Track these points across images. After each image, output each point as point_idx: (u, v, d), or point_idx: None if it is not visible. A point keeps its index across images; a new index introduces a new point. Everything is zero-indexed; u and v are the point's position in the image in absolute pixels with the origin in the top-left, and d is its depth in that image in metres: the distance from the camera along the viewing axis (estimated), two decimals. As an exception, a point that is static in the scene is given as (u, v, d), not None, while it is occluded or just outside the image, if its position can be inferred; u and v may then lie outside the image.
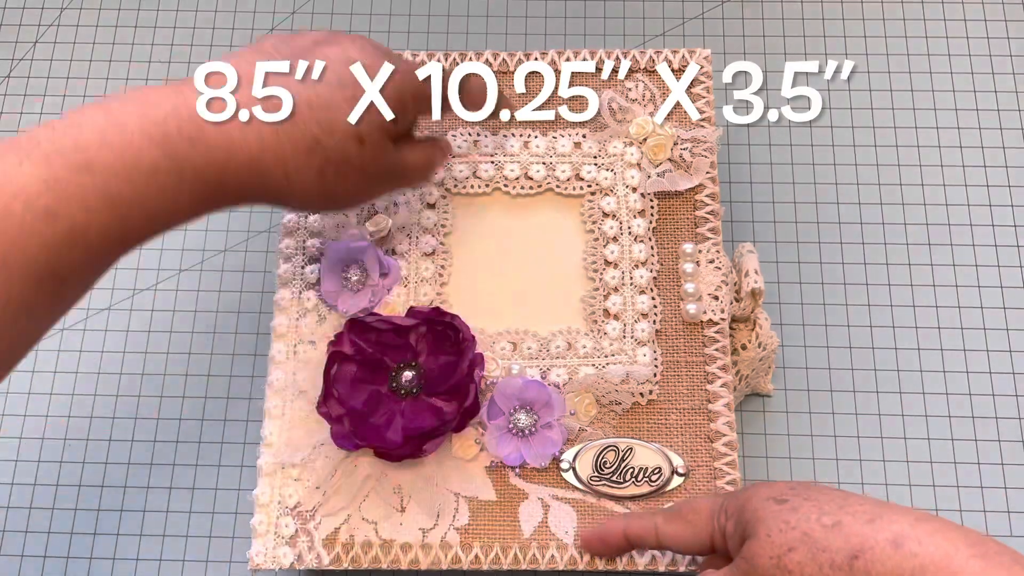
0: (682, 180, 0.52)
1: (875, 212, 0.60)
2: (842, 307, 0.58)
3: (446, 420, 0.45)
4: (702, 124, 0.53)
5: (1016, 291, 0.58)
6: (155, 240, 0.60)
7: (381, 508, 0.47)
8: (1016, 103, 0.63)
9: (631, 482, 0.47)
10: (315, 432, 0.48)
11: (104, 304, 0.60)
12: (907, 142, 0.62)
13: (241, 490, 0.56)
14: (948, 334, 0.57)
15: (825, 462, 0.55)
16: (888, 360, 0.57)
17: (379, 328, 0.46)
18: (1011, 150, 0.62)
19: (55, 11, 0.68)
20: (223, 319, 0.59)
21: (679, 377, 0.49)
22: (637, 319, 0.50)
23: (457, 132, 0.53)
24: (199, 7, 0.67)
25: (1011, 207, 0.60)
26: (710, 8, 0.66)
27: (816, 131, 0.62)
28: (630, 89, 0.53)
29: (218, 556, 0.55)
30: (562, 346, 0.49)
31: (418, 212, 0.52)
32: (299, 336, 0.50)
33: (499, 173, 0.53)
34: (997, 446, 0.55)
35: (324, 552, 0.46)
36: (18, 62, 0.66)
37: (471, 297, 0.51)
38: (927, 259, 0.59)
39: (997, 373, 0.57)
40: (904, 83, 0.63)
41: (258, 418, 0.54)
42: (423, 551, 0.46)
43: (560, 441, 0.47)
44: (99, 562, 0.54)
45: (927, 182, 0.61)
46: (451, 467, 0.47)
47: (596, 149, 0.53)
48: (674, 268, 0.51)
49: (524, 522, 0.47)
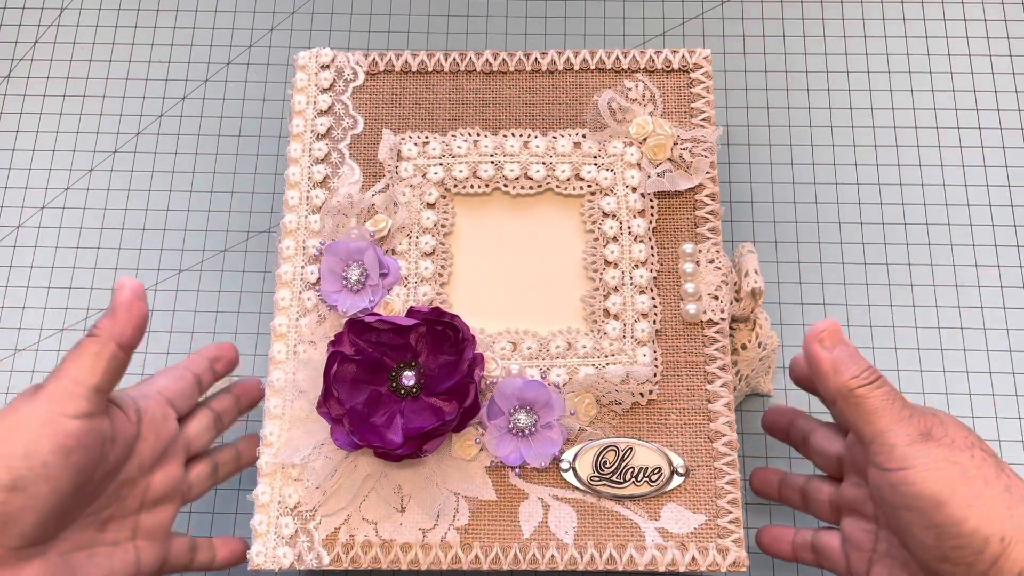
0: (682, 180, 0.52)
1: (875, 212, 0.60)
2: (842, 307, 0.58)
3: (446, 420, 0.45)
4: (702, 124, 0.53)
5: (1016, 291, 0.58)
6: (155, 240, 0.61)
7: (381, 508, 0.47)
8: (1016, 103, 0.63)
9: (631, 482, 0.47)
10: (315, 432, 0.48)
11: (104, 304, 0.60)
12: (907, 142, 0.62)
13: (241, 490, 0.56)
14: (948, 334, 0.57)
15: (825, 462, 0.55)
16: (888, 360, 0.57)
17: (379, 328, 0.46)
18: (1011, 150, 0.62)
19: (55, 11, 0.68)
20: (223, 319, 0.59)
21: (679, 377, 0.49)
22: (637, 319, 0.50)
23: (457, 132, 0.53)
24: (199, 7, 0.67)
25: (1011, 207, 0.60)
26: (710, 8, 0.66)
27: (816, 131, 0.62)
28: (630, 89, 0.53)
29: (218, 556, 0.54)
30: (562, 346, 0.49)
31: (418, 212, 0.52)
32: (299, 336, 0.50)
33: (499, 173, 0.53)
34: (997, 446, 0.55)
35: (324, 552, 0.46)
36: (18, 62, 0.66)
37: (471, 297, 0.51)
38: (927, 259, 0.59)
39: (997, 373, 0.57)
40: (904, 83, 0.63)
41: (258, 418, 0.54)
42: (423, 551, 0.46)
43: (560, 441, 0.47)
44: (99, 562, 0.54)
45: (927, 182, 0.61)
46: (451, 467, 0.47)
47: (596, 149, 0.53)
48: (674, 268, 0.51)
49: (524, 522, 0.47)
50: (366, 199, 0.52)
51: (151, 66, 0.66)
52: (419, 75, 0.55)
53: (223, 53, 0.66)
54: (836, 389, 0.41)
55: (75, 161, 0.63)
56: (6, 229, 0.62)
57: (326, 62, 0.55)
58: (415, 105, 0.54)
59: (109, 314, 0.41)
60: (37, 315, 0.60)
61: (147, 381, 0.46)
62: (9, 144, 0.64)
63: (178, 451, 0.46)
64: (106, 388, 0.40)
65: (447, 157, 0.53)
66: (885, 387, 0.41)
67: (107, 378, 0.40)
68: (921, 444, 0.39)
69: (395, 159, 0.53)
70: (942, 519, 0.38)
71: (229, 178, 0.63)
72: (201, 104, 0.65)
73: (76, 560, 0.41)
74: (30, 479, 0.37)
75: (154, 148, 0.64)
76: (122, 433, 0.42)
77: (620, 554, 0.46)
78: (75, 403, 0.39)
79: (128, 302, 0.41)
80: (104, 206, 0.62)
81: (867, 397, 0.40)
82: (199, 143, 0.64)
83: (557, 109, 0.54)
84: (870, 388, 0.41)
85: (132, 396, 0.44)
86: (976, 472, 0.38)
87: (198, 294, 0.60)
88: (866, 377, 0.41)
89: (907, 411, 0.40)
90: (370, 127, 0.54)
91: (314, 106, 0.54)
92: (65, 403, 0.39)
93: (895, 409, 0.40)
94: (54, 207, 0.62)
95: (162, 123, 0.64)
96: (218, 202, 0.62)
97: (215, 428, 0.49)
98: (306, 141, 0.53)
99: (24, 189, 0.63)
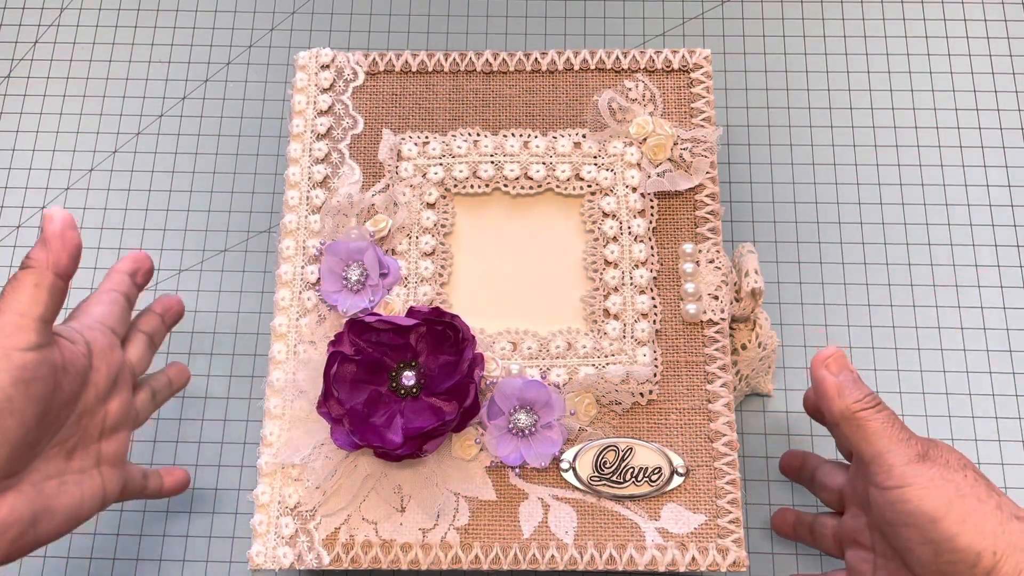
0: (682, 180, 0.52)
1: (875, 212, 0.60)
2: (842, 307, 0.58)
3: (446, 420, 0.45)
4: (702, 124, 0.53)
5: (1016, 291, 0.58)
6: (155, 240, 0.61)
7: (381, 508, 0.47)
8: (1016, 103, 0.63)
9: (631, 482, 0.47)
10: (315, 432, 0.48)
11: (104, 304, 0.60)
12: (907, 142, 0.62)
13: (241, 490, 0.56)
14: (948, 334, 0.57)
15: (825, 462, 0.55)
16: (888, 360, 0.57)
17: (379, 328, 0.46)
18: (1011, 150, 0.62)
19: (55, 11, 0.68)
20: (223, 319, 0.59)
21: (679, 377, 0.49)
22: (637, 319, 0.50)
23: (457, 132, 0.53)
24: (199, 7, 0.67)
25: (1011, 207, 0.60)
26: (710, 8, 0.66)
27: (816, 131, 0.62)
28: (630, 89, 0.53)
29: (218, 556, 0.55)
30: (562, 346, 0.49)
31: (418, 212, 0.52)
32: (299, 336, 0.50)
33: (499, 173, 0.53)
34: (997, 446, 0.55)
35: (324, 552, 0.46)
36: (18, 62, 0.66)
37: (471, 297, 0.51)
38: (927, 259, 0.59)
39: (997, 373, 0.57)
40: (904, 83, 0.63)
41: (258, 418, 0.54)
42: (423, 551, 0.46)
43: (560, 441, 0.47)
44: (99, 562, 0.54)
45: (927, 182, 0.61)
46: (451, 467, 0.47)
47: (596, 149, 0.53)
48: (674, 268, 0.51)
49: (524, 522, 0.47)
50: (366, 199, 0.52)
51: (151, 66, 0.66)
52: (419, 75, 0.55)
53: (223, 53, 0.66)
54: (840, 411, 0.43)
55: (75, 161, 0.63)
56: (6, 229, 0.62)
57: (326, 62, 0.55)
58: (415, 105, 0.54)
59: (40, 245, 0.41)
60: (37, 315, 0.60)
61: (82, 312, 0.46)
62: (9, 144, 0.64)
63: (126, 377, 0.46)
64: (50, 318, 0.40)
65: (447, 157, 0.53)
66: (885, 411, 0.43)
67: (50, 308, 0.40)
68: (918, 464, 0.41)
69: (395, 159, 0.53)
70: (937, 535, 0.39)
71: (229, 178, 0.63)
72: (201, 104, 0.65)
73: (48, 488, 0.41)
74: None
75: (154, 148, 0.64)
76: (73, 363, 0.42)
77: (620, 554, 0.46)
78: (25, 336, 0.39)
79: (60, 232, 0.41)
80: (104, 206, 0.62)
81: (869, 420, 0.43)
82: (199, 143, 0.64)
83: (557, 109, 0.54)
84: (872, 412, 0.43)
85: (77, 328, 0.44)
86: (970, 491, 0.40)
87: (198, 294, 0.60)
88: (868, 401, 0.43)
89: (905, 434, 0.42)
90: (370, 127, 0.54)
91: (314, 106, 0.54)
92: (16, 337, 0.39)
93: (894, 432, 0.42)
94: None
95: (162, 123, 0.64)
96: (218, 202, 0.62)
97: (150, 351, 0.49)
98: (306, 141, 0.53)
99: (24, 189, 0.63)
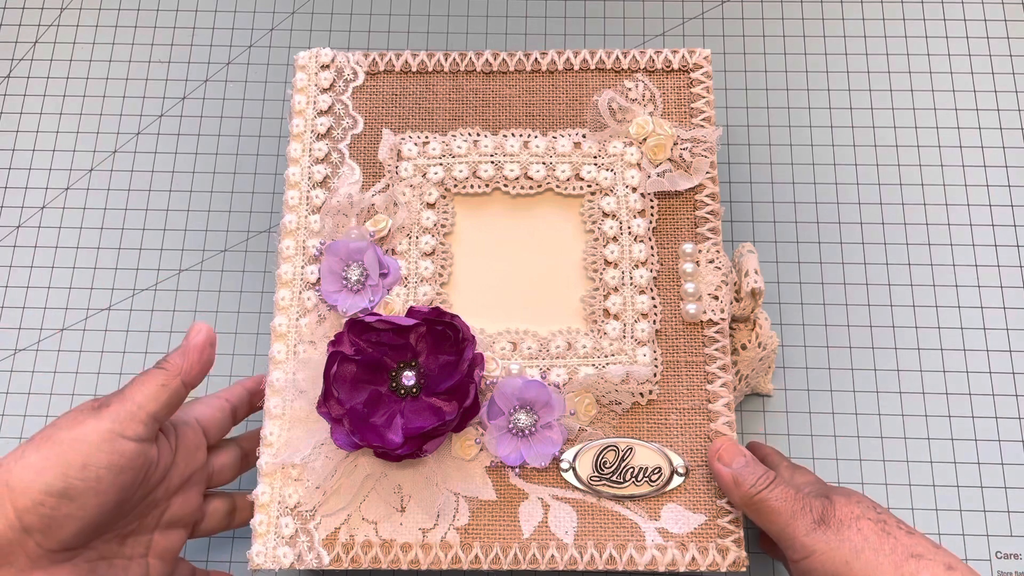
0: (682, 180, 0.52)
1: (875, 212, 0.60)
2: (842, 307, 0.58)
3: (446, 420, 0.45)
4: (702, 124, 0.53)
5: (1016, 291, 0.58)
6: (155, 240, 0.61)
7: (381, 508, 0.47)
8: (1016, 103, 0.63)
9: (631, 482, 0.47)
10: (315, 432, 0.48)
11: (104, 304, 0.60)
12: (907, 142, 0.62)
13: (241, 490, 0.56)
14: (948, 334, 0.57)
15: (825, 462, 0.55)
16: (888, 360, 0.57)
17: (379, 328, 0.46)
18: (1011, 150, 0.62)
19: (55, 11, 0.68)
20: (223, 319, 0.59)
21: (679, 377, 0.49)
22: (637, 319, 0.50)
23: (457, 132, 0.53)
24: (199, 7, 0.67)
25: (1011, 207, 0.60)
26: (710, 8, 0.66)
27: (816, 131, 0.62)
28: (630, 89, 0.53)
29: (218, 556, 0.55)
30: (562, 346, 0.49)
31: (418, 212, 0.52)
32: (299, 336, 0.50)
33: (499, 173, 0.53)
34: (997, 446, 0.55)
35: (324, 552, 0.46)
36: (18, 62, 0.66)
37: (471, 297, 0.51)
38: (927, 259, 0.59)
39: (997, 373, 0.57)
40: (904, 83, 0.63)
41: (258, 418, 0.54)
42: (423, 551, 0.46)
43: (560, 441, 0.47)
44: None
45: (927, 182, 0.61)
46: (451, 467, 0.47)
47: (596, 149, 0.53)
48: (674, 268, 0.51)
49: (524, 522, 0.47)
50: (366, 199, 0.52)
51: (151, 66, 0.66)
52: (419, 75, 0.55)
53: (223, 53, 0.66)
54: (740, 500, 0.45)
55: (75, 161, 0.63)
56: (6, 229, 0.62)
57: (326, 62, 0.55)
58: (415, 105, 0.54)
59: (181, 352, 0.45)
60: (37, 315, 0.60)
61: (187, 406, 0.48)
62: (9, 144, 0.64)
63: (201, 480, 0.48)
64: (162, 418, 0.44)
65: (447, 157, 0.53)
66: (780, 486, 0.45)
67: (166, 409, 0.43)
68: (815, 531, 0.43)
69: (395, 159, 0.53)
70: None
71: (229, 178, 0.63)
72: (201, 104, 0.65)
73: (99, 569, 0.43)
74: (81, 490, 0.40)
75: (154, 148, 0.64)
76: (163, 459, 0.44)
77: (620, 554, 0.46)
78: (134, 426, 0.42)
79: (201, 346, 0.45)
80: (104, 206, 0.62)
81: (767, 500, 0.44)
82: (199, 143, 0.64)
83: (557, 109, 0.54)
84: (767, 491, 0.44)
85: (172, 422, 0.47)
86: (864, 543, 0.42)
87: (198, 294, 0.60)
88: (762, 483, 0.45)
89: (800, 503, 0.44)
90: (370, 127, 0.54)
91: (314, 106, 0.54)
92: (126, 425, 0.42)
93: (791, 505, 0.44)
94: (54, 207, 0.62)
95: (162, 123, 0.64)
96: (218, 202, 0.62)
97: (239, 467, 0.51)
98: (306, 141, 0.53)
99: (24, 189, 0.63)
